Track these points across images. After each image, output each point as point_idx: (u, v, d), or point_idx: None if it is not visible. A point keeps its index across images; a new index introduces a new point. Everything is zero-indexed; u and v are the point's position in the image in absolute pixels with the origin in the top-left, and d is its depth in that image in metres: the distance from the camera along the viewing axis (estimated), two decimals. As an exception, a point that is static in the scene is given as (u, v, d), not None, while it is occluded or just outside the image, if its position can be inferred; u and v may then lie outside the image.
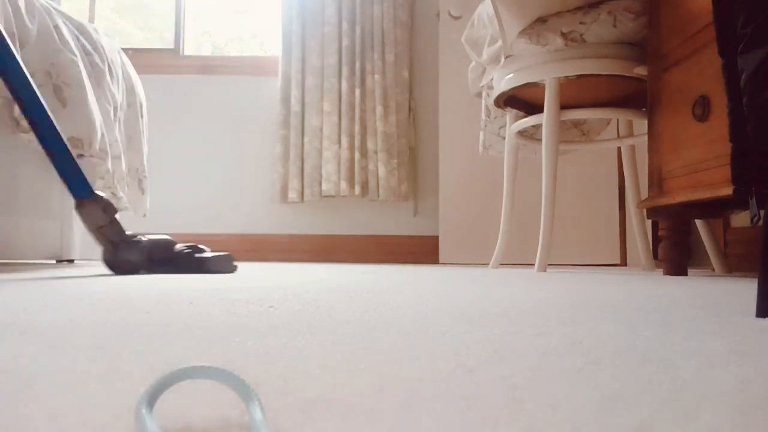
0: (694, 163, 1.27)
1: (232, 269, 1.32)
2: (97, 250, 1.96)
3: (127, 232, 1.24)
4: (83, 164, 1.65)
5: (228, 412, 0.21)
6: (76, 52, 1.56)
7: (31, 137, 1.49)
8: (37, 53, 1.44)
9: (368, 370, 0.28)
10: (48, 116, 1.20)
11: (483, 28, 1.92)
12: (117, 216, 1.24)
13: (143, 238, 1.25)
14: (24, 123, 1.40)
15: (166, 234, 2.98)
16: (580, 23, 1.61)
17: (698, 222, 1.67)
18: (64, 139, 1.26)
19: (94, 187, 1.70)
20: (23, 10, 1.40)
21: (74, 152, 1.55)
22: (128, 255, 1.20)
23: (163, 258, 1.27)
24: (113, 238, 1.21)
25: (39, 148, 1.57)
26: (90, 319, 0.45)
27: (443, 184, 2.74)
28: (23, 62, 1.39)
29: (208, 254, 1.29)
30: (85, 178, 1.23)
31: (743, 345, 0.35)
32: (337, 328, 0.42)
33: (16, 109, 1.36)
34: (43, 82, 1.45)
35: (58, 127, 1.22)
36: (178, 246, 1.30)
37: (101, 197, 1.22)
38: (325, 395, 0.23)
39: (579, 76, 1.66)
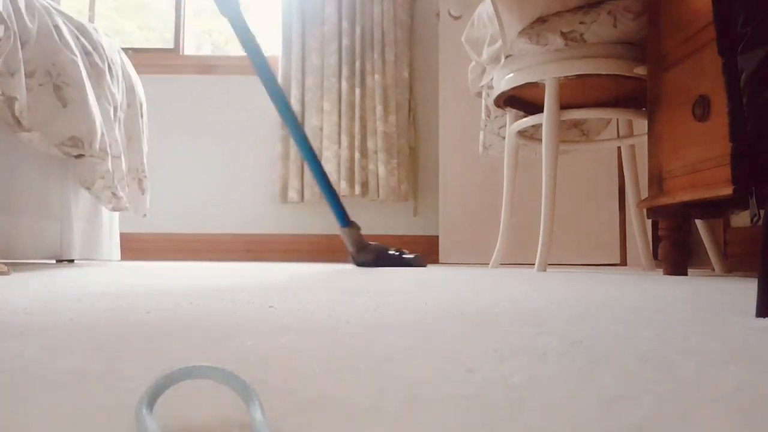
0: (694, 163, 1.27)
1: (425, 265, 1.94)
2: (96, 250, 1.97)
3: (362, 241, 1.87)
4: (83, 164, 1.65)
5: (228, 412, 0.21)
6: (76, 51, 1.56)
7: (32, 137, 1.49)
8: (37, 53, 1.44)
9: (368, 370, 0.28)
10: (316, 159, 1.82)
11: (483, 28, 1.92)
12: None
13: (371, 244, 1.87)
14: (25, 122, 1.40)
15: (169, 233, 2.98)
16: (580, 23, 1.61)
17: (698, 222, 1.67)
18: (65, 137, 1.33)
19: (93, 187, 1.70)
20: (23, 10, 1.40)
21: (75, 152, 1.55)
22: (369, 256, 1.85)
23: (384, 257, 1.86)
24: (360, 246, 1.85)
25: (39, 147, 1.58)
26: (90, 319, 0.45)
27: (443, 184, 2.74)
28: (23, 61, 1.39)
29: (409, 255, 1.89)
30: (345, 209, 1.87)
31: (743, 345, 0.35)
32: (337, 328, 0.42)
33: (17, 107, 1.36)
34: (43, 81, 1.45)
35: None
36: (390, 249, 1.89)
37: (353, 221, 1.87)
38: (326, 395, 0.23)
39: (579, 76, 1.66)
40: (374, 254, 1.84)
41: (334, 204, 1.84)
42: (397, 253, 1.88)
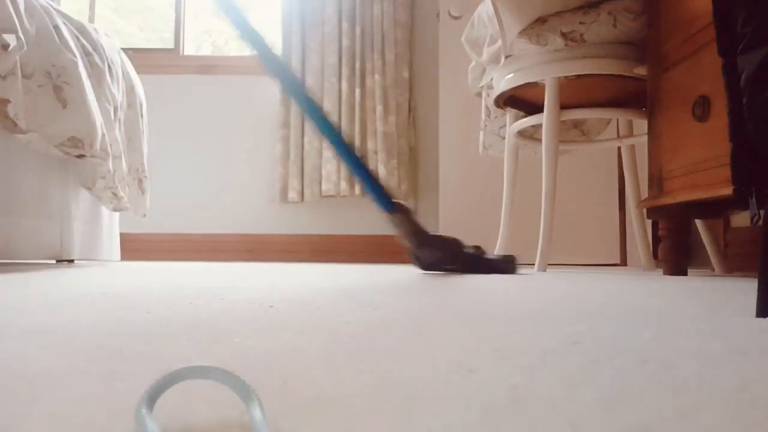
0: (694, 163, 1.26)
1: (514, 270, 1.47)
2: (96, 250, 1.97)
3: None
4: (84, 164, 1.65)
5: (228, 412, 0.21)
6: (76, 52, 1.56)
7: (30, 138, 1.48)
8: (36, 54, 1.43)
9: (368, 370, 0.28)
10: (353, 153, 1.36)
11: (483, 28, 1.92)
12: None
13: (436, 236, 1.41)
14: (22, 124, 1.40)
15: (169, 233, 2.97)
16: (580, 23, 1.61)
17: (698, 222, 1.67)
18: (65, 137, 1.32)
19: (94, 187, 1.70)
20: (23, 12, 1.40)
21: (75, 152, 1.55)
22: (435, 253, 1.37)
23: (463, 259, 1.39)
24: (420, 237, 1.38)
25: (38, 148, 1.57)
26: (90, 319, 0.45)
27: (443, 184, 2.74)
28: (21, 63, 1.39)
29: (491, 256, 1.45)
30: (387, 190, 1.42)
31: (743, 345, 0.35)
32: (337, 328, 0.42)
33: (11, 110, 1.35)
34: (42, 82, 1.45)
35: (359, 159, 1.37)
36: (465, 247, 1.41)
37: (400, 203, 1.43)
38: (325, 395, 0.23)
39: (579, 76, 1.66)
40: (444, 251, 1.36)
41: (369, 185, 1.39)
42: (477, 254, 1.40)
